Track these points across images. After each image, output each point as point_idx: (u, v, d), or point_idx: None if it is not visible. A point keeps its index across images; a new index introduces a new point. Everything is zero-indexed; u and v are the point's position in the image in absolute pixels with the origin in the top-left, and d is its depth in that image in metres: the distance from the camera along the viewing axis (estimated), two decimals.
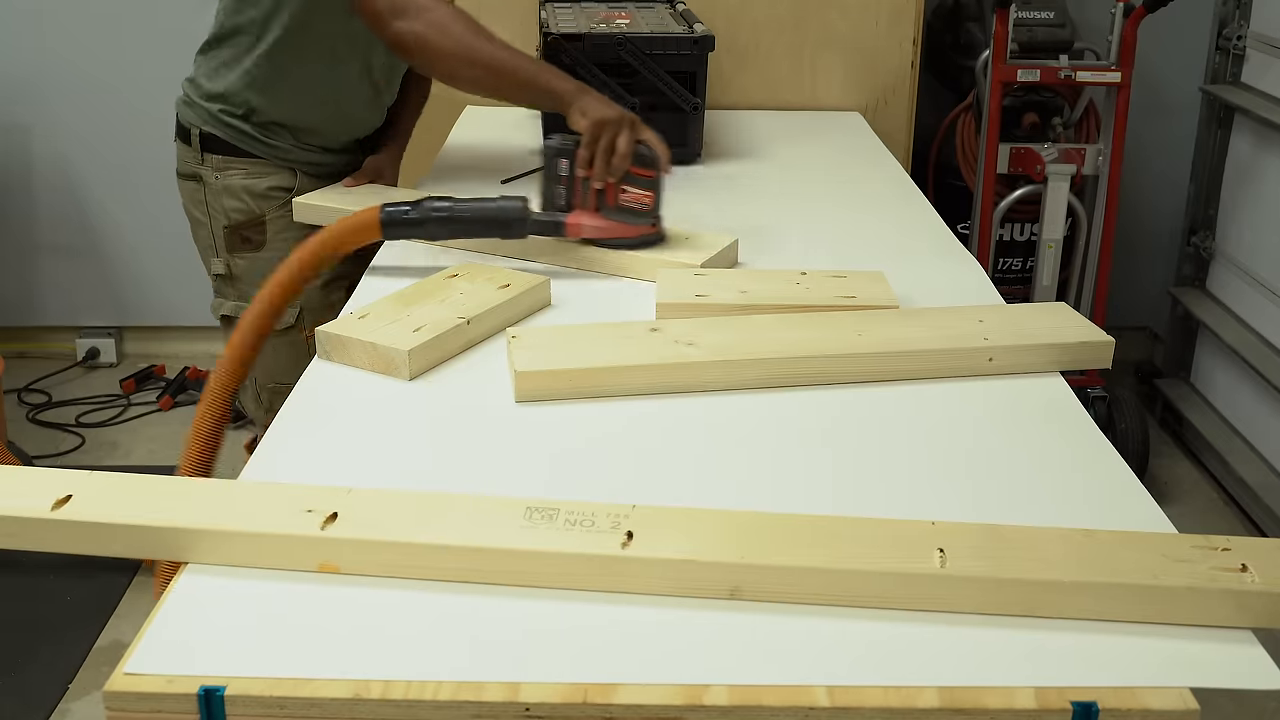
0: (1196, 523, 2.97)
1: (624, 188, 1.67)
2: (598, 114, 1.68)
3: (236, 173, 1.98)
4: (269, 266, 1.86)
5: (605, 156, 1.66)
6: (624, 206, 1.68)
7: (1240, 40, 3.24)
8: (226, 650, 0.91)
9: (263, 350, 1.88)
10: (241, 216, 1.99)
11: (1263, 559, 0.97)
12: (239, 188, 1.98)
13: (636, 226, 1.69)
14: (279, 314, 1.57)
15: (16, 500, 1.05)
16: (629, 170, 1.66)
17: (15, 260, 3.77)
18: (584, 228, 1.67)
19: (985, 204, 3.07)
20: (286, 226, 1.99)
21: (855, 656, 0.92)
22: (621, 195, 1.67)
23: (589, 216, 1.68)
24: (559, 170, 1.69)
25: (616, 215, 1.68)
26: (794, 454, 1.23)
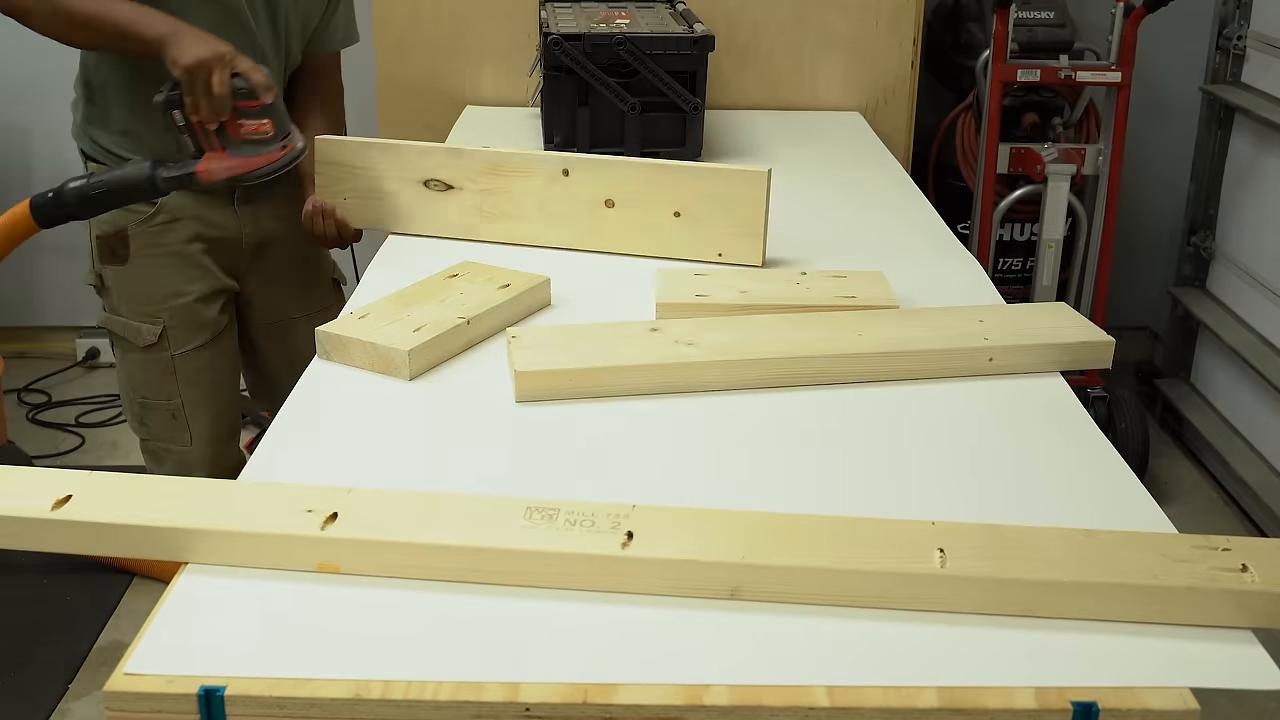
0: (1196, 523, 2.97)
1: (239, 122, 1.68)
2: (188, 58, 1.63)
3: None
4: (134, 282, 1.95)
5: (205, 99, 1.64)
6: (248, 139, 1.69)
7: (1240, 40, 3.24)
8: (226, 650, 0.91)
9: (129, 362, 2.01)
10: (108, 228, 1.95)
11: (1263, 559, 0.97)
12: None
13: (268, 154, 1.71)
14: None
15: (16, 500, 1.05)
16: (236, 106, 1.66)
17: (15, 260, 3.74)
18: (215, 170, 1.70)
19: (985, 204, 3.07)
20: (152, 241, 1.95)
21: (855, 656, 0.92)
22: (241, 129, 1.68)
23: (218, 159, 1.70)
24: (177, 122, 1.69)
25: (245, 150, 1.70)
26: (794, 454, 1.23)
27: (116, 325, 2.00)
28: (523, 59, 2.64)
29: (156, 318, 1.97)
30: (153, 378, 2.00)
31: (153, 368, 1.99)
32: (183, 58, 1.63)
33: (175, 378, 2.00)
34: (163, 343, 1.97)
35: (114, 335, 2.01)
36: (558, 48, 2.20)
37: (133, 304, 1.97)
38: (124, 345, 2.00)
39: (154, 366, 1.99)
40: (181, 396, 2.00)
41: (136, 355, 1.99)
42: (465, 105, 2.75)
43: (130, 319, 1.98)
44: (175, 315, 1.97)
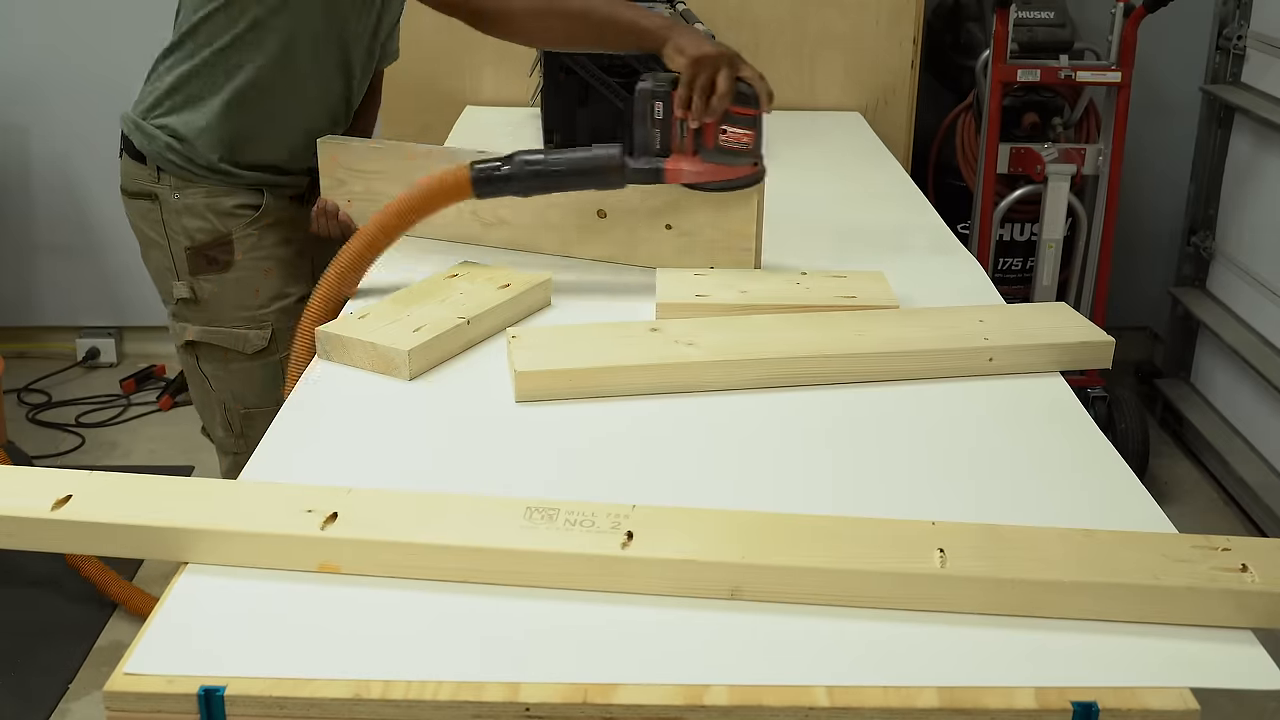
0: (1196, 523, 2.97)
1: (723, 128, 1.57)
2: (696, 50, 1.56)
3: (197, 190, 1.85)
4: (239, 289, 1.86)
5: (704, 95, 1.55)
6: (724, 147, 1.58)
7: (1240, 40, 3.24)
8: (226, 650, 0.91)
9: (234, 373, 1.91)
10: (206, 236, 1.85)
11: (1263, 559, 0.97)
12: (201, 206, 1.85)
13: (737, 167, 1.60)
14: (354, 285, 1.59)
15: (16, 500, 1.05)
16: (728, 109, 1.56)
17: (15, 260, 3.77)
18: (683, 173, 1.60)
19: (985, 204, 3.07)
20: (256, 244, 1.87)
21: (855, 656, 0.92)
22: (721, 136, 1.58)
23: (688, 161, 1.59)
24: (654, 114, 1.58)
25: (716, 157, 1.59)
26: (795, 454, 1.23)
27: (219, 337, 1.88)
28: (523, 59, 2.64)
29: (264, 322, 1.89)
30: (262, 384, 1.91)
31: (262, 374, 1.91)
32: (690, 49, 1.57)
33: (283, 382, 1.85)
34: (272, 347, 1.89)
35: (209, 349, 1.90)
36: None
37: (237, 311, 1.87)
38: (226, 356, 1.90)
39: (264, 373, 1.91)
40: None
41: (243, 364, 1.90)
42: (465, 105, 2.75)
43: (236, 327, 1.88)
44: (281, 316, 1.89)
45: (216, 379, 1.93)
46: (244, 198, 1.86)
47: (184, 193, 1.83)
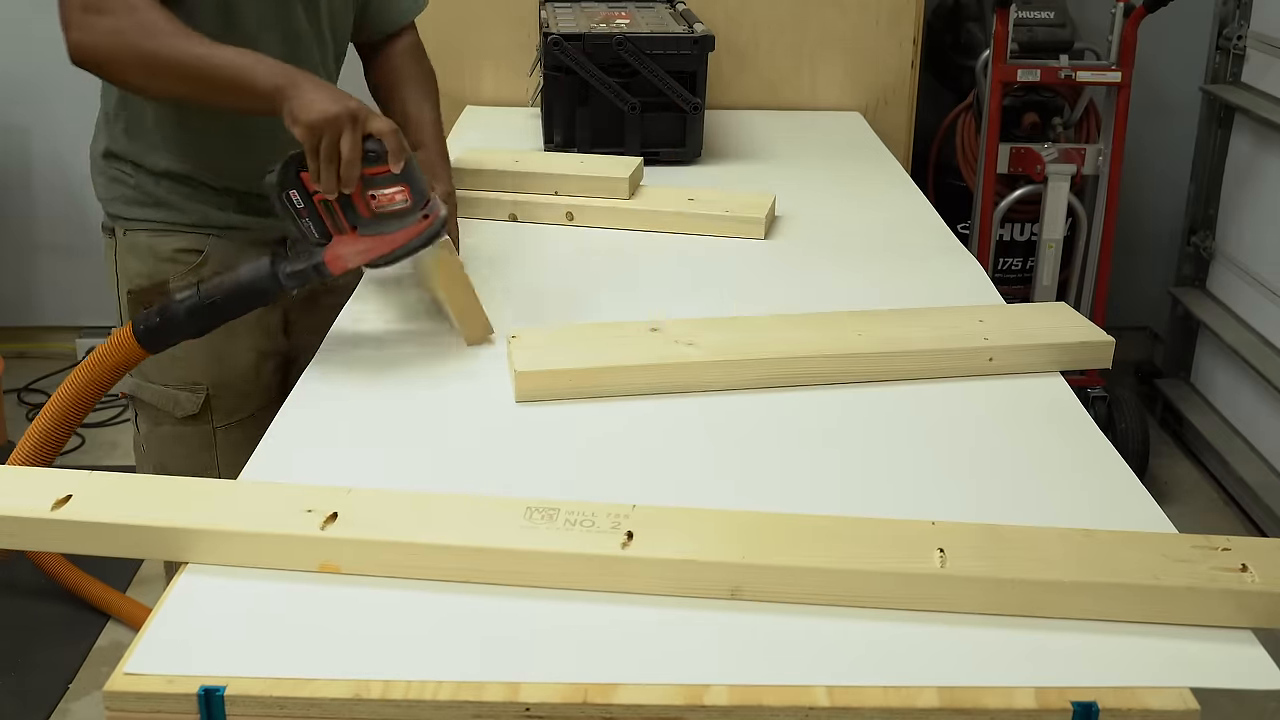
0: (1196, 523, 2.97)
1: (370, 194, 1.34)
2: (309, 115, 1.32)
3: (141, 228, 1.68)
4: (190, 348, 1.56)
5: (331, 166, 1.32)
6: (381, 214, 1.36)
7: (1240, 40, 3.24)
8: (226, 650, 0.91)
9: (161, 437, 1.70)
10: (144, 280, 1.67)
11: (1263, 559, 0.97)
12: (144, 246, 1.67)
13: (407, 228, 1.37)
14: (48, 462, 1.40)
15: (16, 500, 1.05)
16: (364, 173, 1.33)
17: (15, 260, 3.77)
18: (347, 257, 1.38)
19: (985, 204, 3.07)
20: None
21: (855, 656, 0.92)
22: (371, 202, 1.35)
23: (348, 242, 1.37)
24: (294, 205, 1.37)
25: (376, 226, 1.36)
26: (794, 454, 1.23)
27: (149, 393, 1.69)
28: (523, 59, 2.64)
29: (199, 385, 1.67)
30: (187, 454, 1.71)
31: (189, 443, 1.71)
32: (306, 113, 1.32)
33: (214, 454, 1.72)
34: (204, 414, 1.69)
35: (141, 405, 1.72)
36: (558, 48, 2.20)
37: (170, 369, 1.66)
38: (155, 417, 1.71)
39: (191, 441, 1.71)
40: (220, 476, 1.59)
41: (169, 428, 1.71)
42: (465, 105, 2.75)
43: (166, 386, 1.68)
44: (221, 382, 1.68)
45: (145, 440, 1.75)
46: (186, 242, 1.67)
47: (130, 231, 1.68)
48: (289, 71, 1.39)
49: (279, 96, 1.36)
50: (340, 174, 1.32)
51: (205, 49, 1.41)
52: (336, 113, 1.32)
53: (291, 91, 1.35)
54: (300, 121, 1.33)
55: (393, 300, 1.60)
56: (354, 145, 1.32)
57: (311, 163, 1.34)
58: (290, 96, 1.35)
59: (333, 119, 1.32)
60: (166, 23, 1.41)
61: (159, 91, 1.50)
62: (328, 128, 1.32)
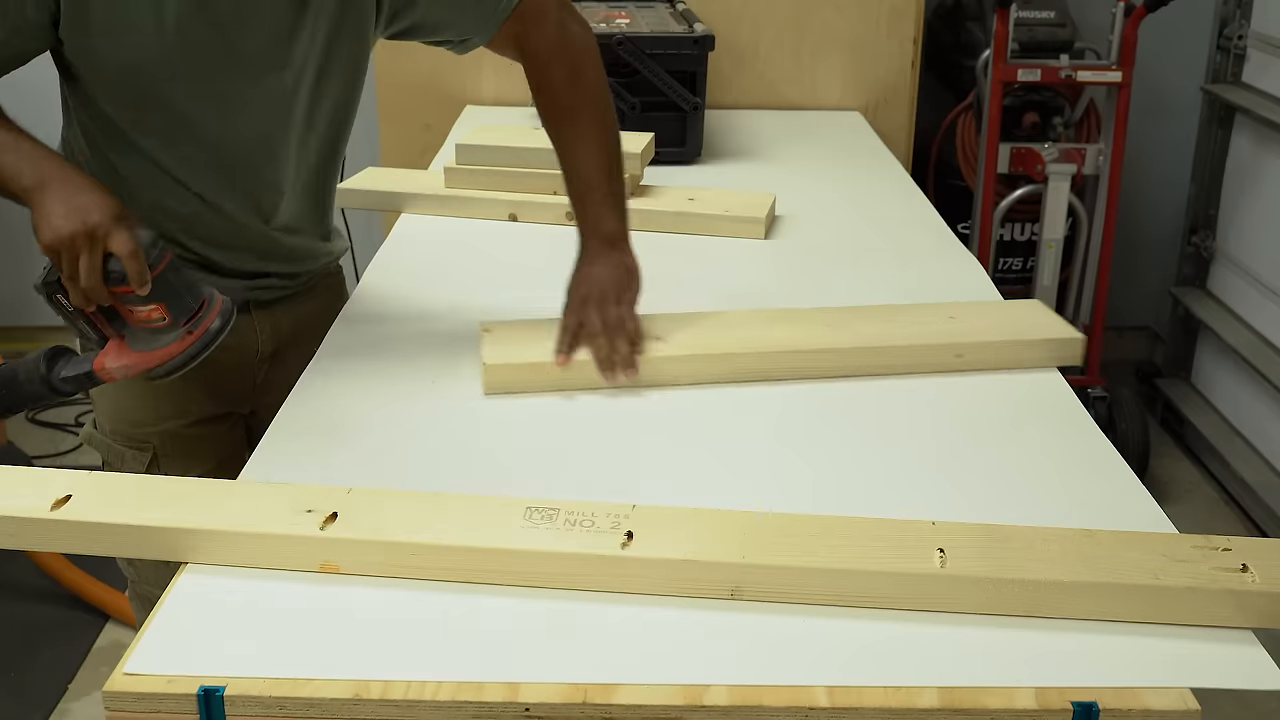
0: (1196, 523, 2.97)
1: (130, 308, 1.27)
2: (45, 236, 1.24)
3: None
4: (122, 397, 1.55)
5: (74, 285, 1.25)
6: (142, 329, 1.29)
7: (1241, 40, 3.24)
8: (226, 650, 0.91)
9: None
10: None
11: (1263, 559, 0.97)
12: None
13: (166, 347, 1.29)
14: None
15: (16, 500, 1.05)
16: (117, 291, 1.25)
17: (15, 260, 3.77)
18: (111, 370, 1.30)
19: (985, 204, 3.07)
20: None
21: (855, 656, 0.92)
22: (130, 317, 1.28)
23: (115, 352, 1.30)
24: (66, 307, 1.32)
25: (143, 340, 1.29)
26: (794, 454, 1.23)
27: (100, 445, 1.62)
28: None
29: (145, 443, 1.58)
30: None
31: None
32: (43, 232, 1.25)
33: None
34: (151, 471, 1.57)
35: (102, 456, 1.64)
36: None
37: (118, 422, 1.59)
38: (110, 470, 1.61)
39: None
40: None
41: None
42: (465, 105, 2.75)
43: (113, 441, 1.60)
44: (167, 441, 1.57)
45: None
46: None
47: None
48: (43, 171, 1.29)
49: (30, 201, 1.28)
50: (74, 297, 1.26)
51: None
52: (70, 232, 1.23)
53: (38, 198, 1.27)
54: (39, 239, 1.26)
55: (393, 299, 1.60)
56: (90, 269, 1.23)
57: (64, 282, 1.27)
58: (36, 204, 1.27)
59: (66, 240, 1.23)
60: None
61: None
62: (63, 249, 1.24)
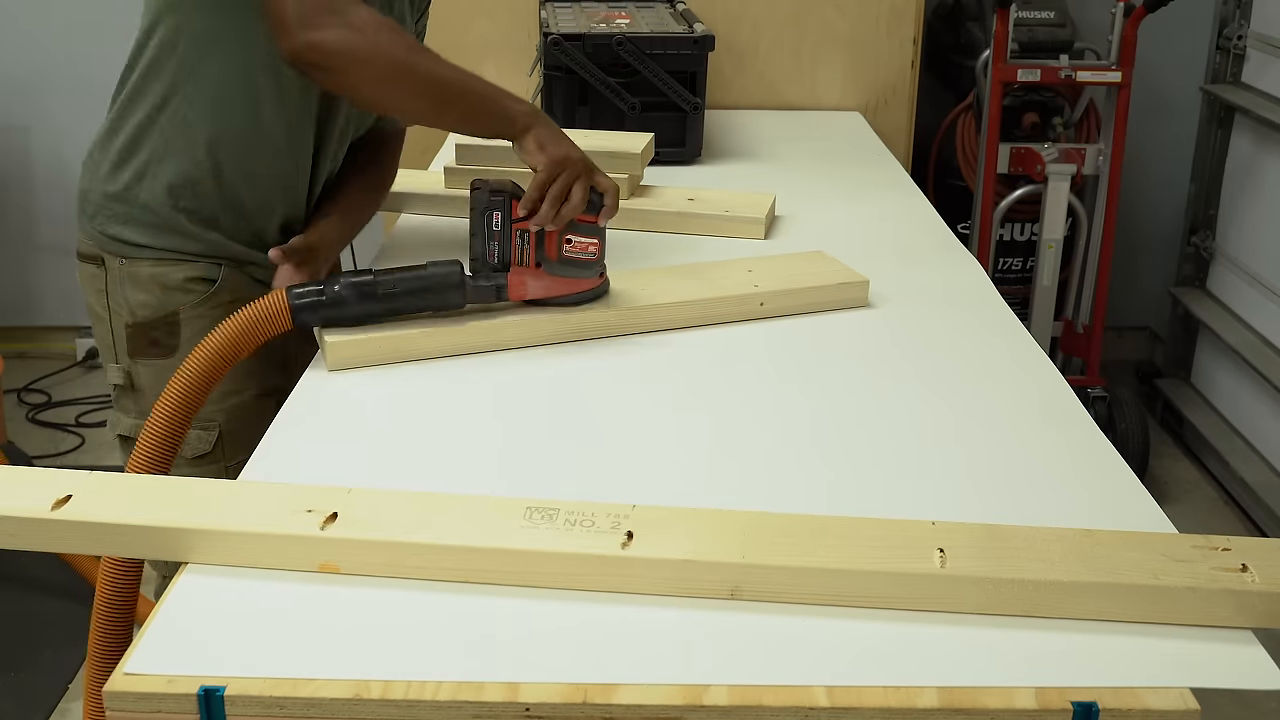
0: (1196, 523, 2.97)
1: (568, 237, 1.42)
2: (557, 151, 1.42)
3: (146, 259, 1.55)
4: None
5: (556, 203, 1.40)
6: (568, 259, 1.44)
7: (1240, 40, 3.24)
8: (226, 650, 0.91)
9: None
10: (149, 313, 1.55)
11: (1263, 559, 0.97)
12: (146, 277, 1.55)
13: (584, 280, 1.46)
14: (180, 436, 1.29)
15: (16, 500, 1.05)
16: (576, 219, 1.42)
17: (15, 260, 3.77)
18: (528, 287, 1.44)
19: (985, 204, 3.07)
20: (207, 328, 1.42)
21: (855, 656, 0.92)
22: (566, 246, 1.43)
23: (530, 275, 1.43)
24: (492, 225, 1.41)
25: (561, 269, 1.44)
26: (794, 454, 1.23)
27: None
28: (523, 59, 2.64)
29: (211, 421, 1.56)
30: None
31: None
32: (552, 148, 1.42)
33: None
34: (217, 451, 1.58)
35: None
36: (558, 48, 2.20)
37: None
38: None
39: None
40: None
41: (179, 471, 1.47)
42: None
43: None
44: (233, 416, 1.58)
45: None
46: (198, 270, 1.56)
47: (130, 261, 1.55)
48: (532, 106, 1.49)
49: (526, 125, 1.45)
50: (561, 212, 1.41)
51: (454, 70, 1.45)
52: (579, 157, 1.44)
53: (540, 123, 1.46)
54: (548, 153, 1.42)
55: None
56: (584, 191, 1.42)
57: (535, 193, 1.40)
58: (539, 127, 1.45)
59: (574, 162, 1.42)
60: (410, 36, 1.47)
61: (388, 102, 1.49)
62: (568, 168, 1.41)
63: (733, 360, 1.44)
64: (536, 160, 1.43)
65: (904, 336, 1.52)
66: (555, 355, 1.44)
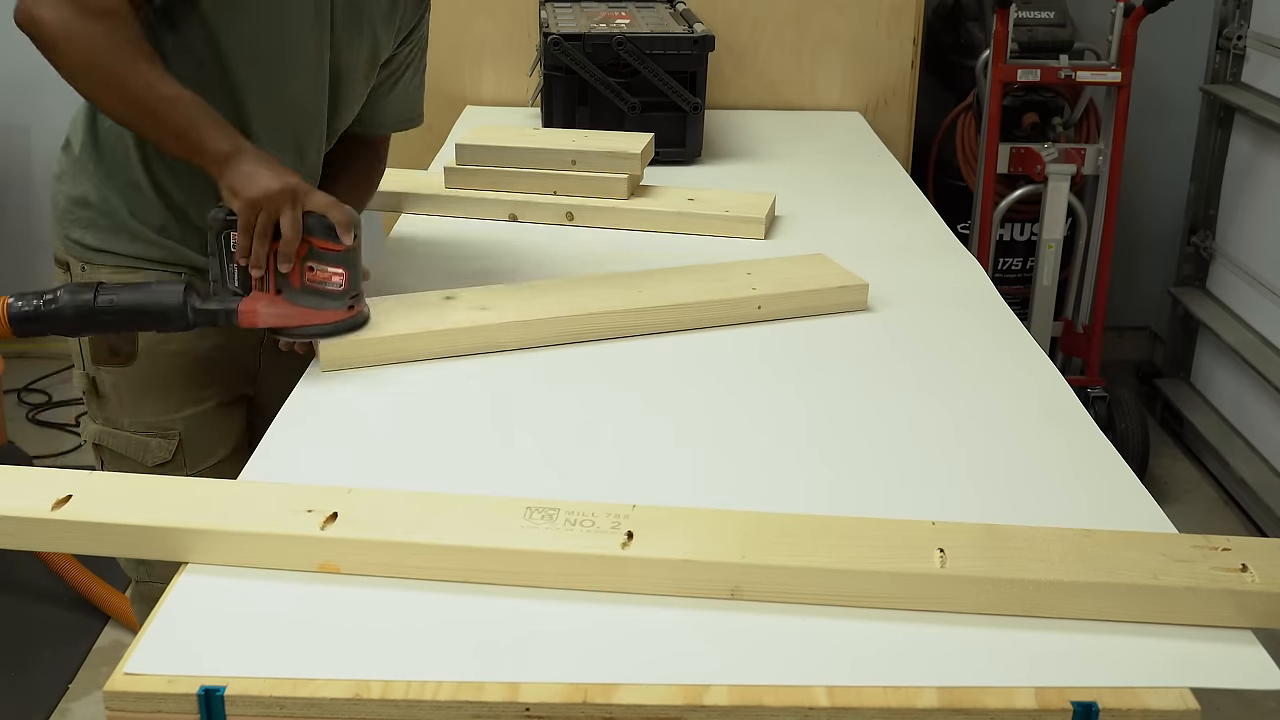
0: (1196, 523, 2.97)
1: (309, 265, 1.34)
2: (249, 192, 1.30)
3: (106, 264, 1.53)
4: (143, 387, 1.54)
5: (264, 241, 1.32)
6: (310, 288, 1.35)
7: (1240, 40, 3.24)
8: (226, 650, 0.91)
9: None
10: None
11: (1263, 559, 0.97)
12: None
13: (330, 311, 1.37)
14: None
15: (16, 500, 1.05)
16: (313, 245, 1.33)
17: (15, 260, 3.77)
18: (259, 315, 1.36)
19: (985, 204, 3.07)
20: (167, 336, 1.50)
21: (855, 656, 0.92)
22: (307, 274, 1.35)
23: (267, 302, 1.36)
24: (229, 246, 1.35)
25: (302, 298, 1.36)
26: (794, 454, 1.23)
27: (117, 441, 1.59)
28: (523, 59, 2.64)
29: (171, 430, 1.57)
30: None
31: None
32: (247, 188, 1.31)
33: None
34: (178, 460, 1.58)
35: (107, 454, 1.61)
36: (558, 48, 2.20)
37: (139, 414, 1.57)
38: (122, 466, 1.59)
39: None
40: None
41: None
42: (465, 105, 2.75)
43: (136, 433, 1.57)
44: (193, 425, 1.58)
45: None
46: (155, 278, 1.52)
47: (92, 266, 1.54)
48: (236, 140, 1.35)
49: (221, 164, 1.33)
50: (280, 250, 1.32)
51: (172, 91, 1.34)
52: (278, 189, 1.31)
53: (234, 161, 1.33)
54: (240, 196, 1.31)
55: None
56: (294, 223, 1.31)
57: (242, 238, 1.32)
58: (232, 167, 1.33)
59: (275, 193, 1.31)
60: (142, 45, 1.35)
61: (95, 99, 1.40)
62: (266, 204, 1.31)
63: (733, 361, 1.44)
64: (234, 205, 1.33)
65: (904, 337, 1.52)
66: (555, 356, 1.44)
